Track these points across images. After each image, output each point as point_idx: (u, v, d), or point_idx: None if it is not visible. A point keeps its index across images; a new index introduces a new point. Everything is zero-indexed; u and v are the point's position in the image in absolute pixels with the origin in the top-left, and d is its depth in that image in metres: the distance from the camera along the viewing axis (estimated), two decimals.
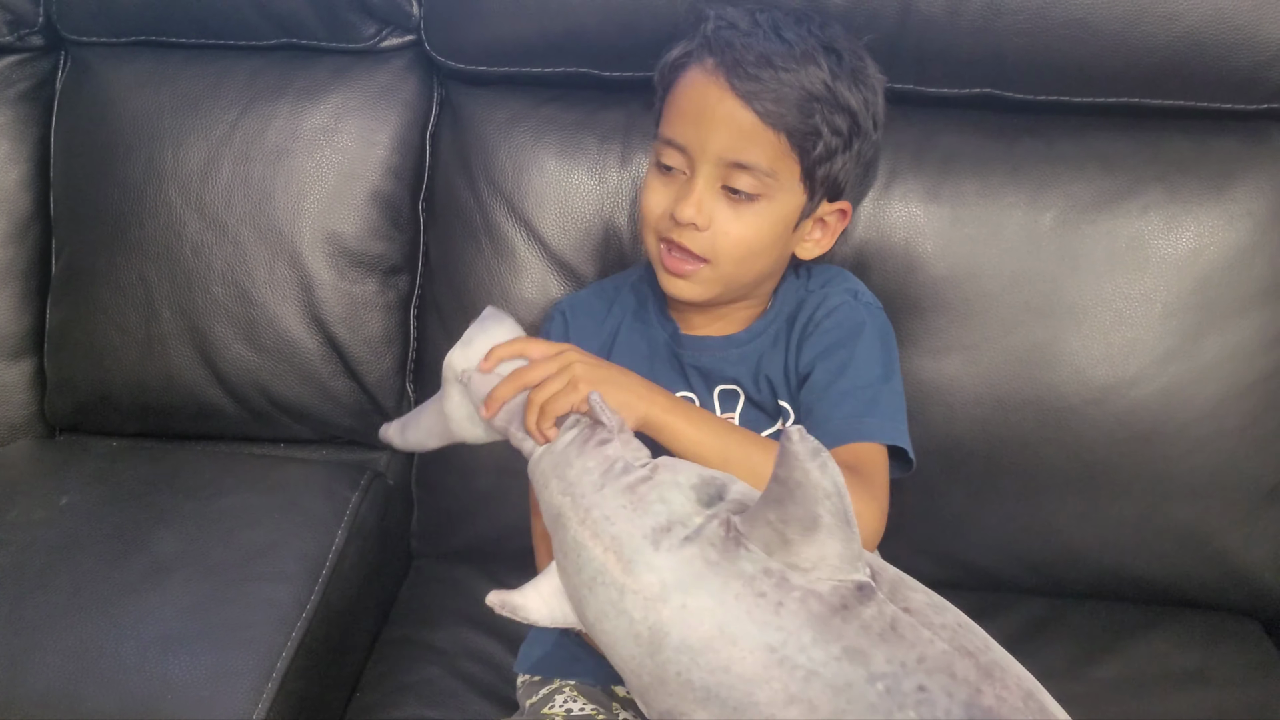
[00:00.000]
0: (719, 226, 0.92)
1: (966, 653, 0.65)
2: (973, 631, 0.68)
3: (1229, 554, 1.12)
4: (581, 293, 1.11)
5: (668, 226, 0.94)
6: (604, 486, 0.77)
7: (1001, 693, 0.64)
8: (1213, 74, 1.07)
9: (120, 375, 1.20)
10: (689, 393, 1.01)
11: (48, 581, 0.96)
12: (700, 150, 0.92)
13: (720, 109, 0.91)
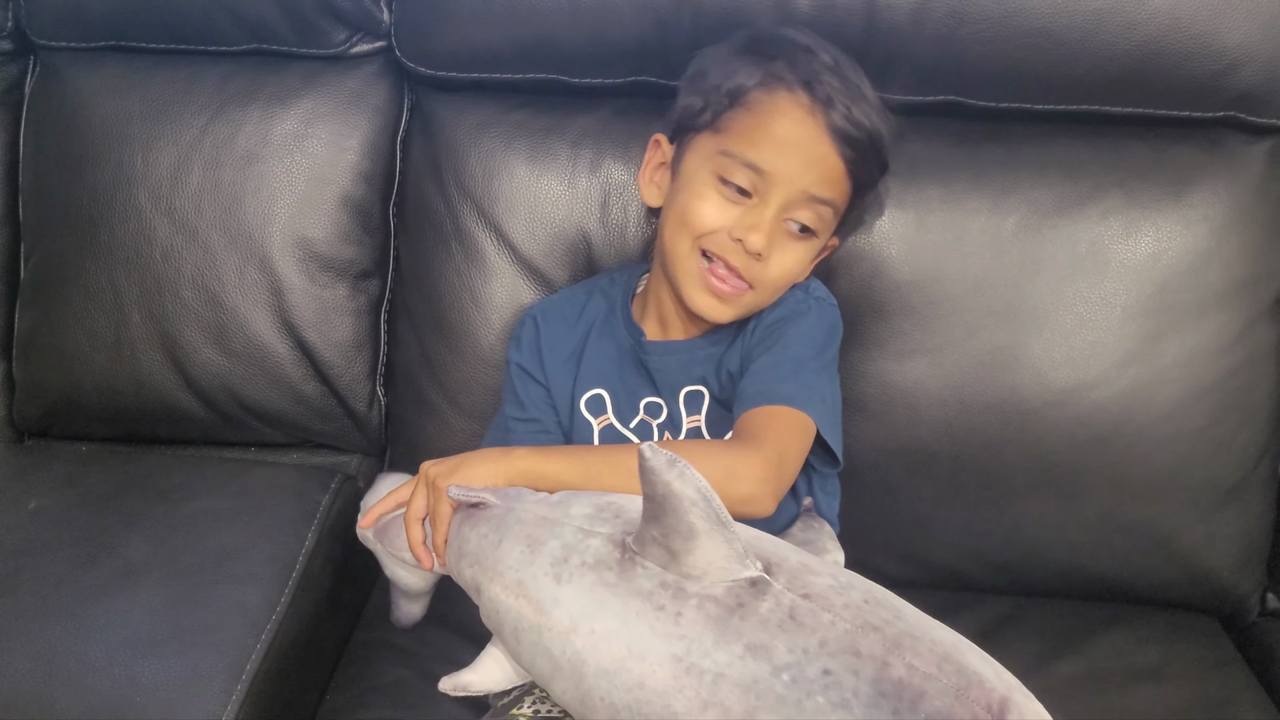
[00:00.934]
0: (775, 258, 0.95)
1: (872, 628, 0.67)
2: (882, 605, 0.69)
3: (1188, 553, 1.14)
4: (553, 298, 1.12)
5: (720, 245, 0.95)
6: (501, 542, 0.80)
7: (913, 660, 0.65)
8: (1170, 82, 1.10)
9: (89, 380, 1.20)
10: (656, 398, 1.03)
11: (15, 585, 0.95)
12: (786, 182, 0.93)
13: (817, 149, 0.93)
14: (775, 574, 0.70)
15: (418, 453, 1.19)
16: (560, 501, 0.81)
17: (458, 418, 1.17)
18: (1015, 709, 0.66)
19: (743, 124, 0.94)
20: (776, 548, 0.74)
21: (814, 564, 0.73)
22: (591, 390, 1.04)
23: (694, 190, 0.96)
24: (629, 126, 1.15)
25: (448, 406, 1.17)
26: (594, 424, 1.03)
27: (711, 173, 0.95)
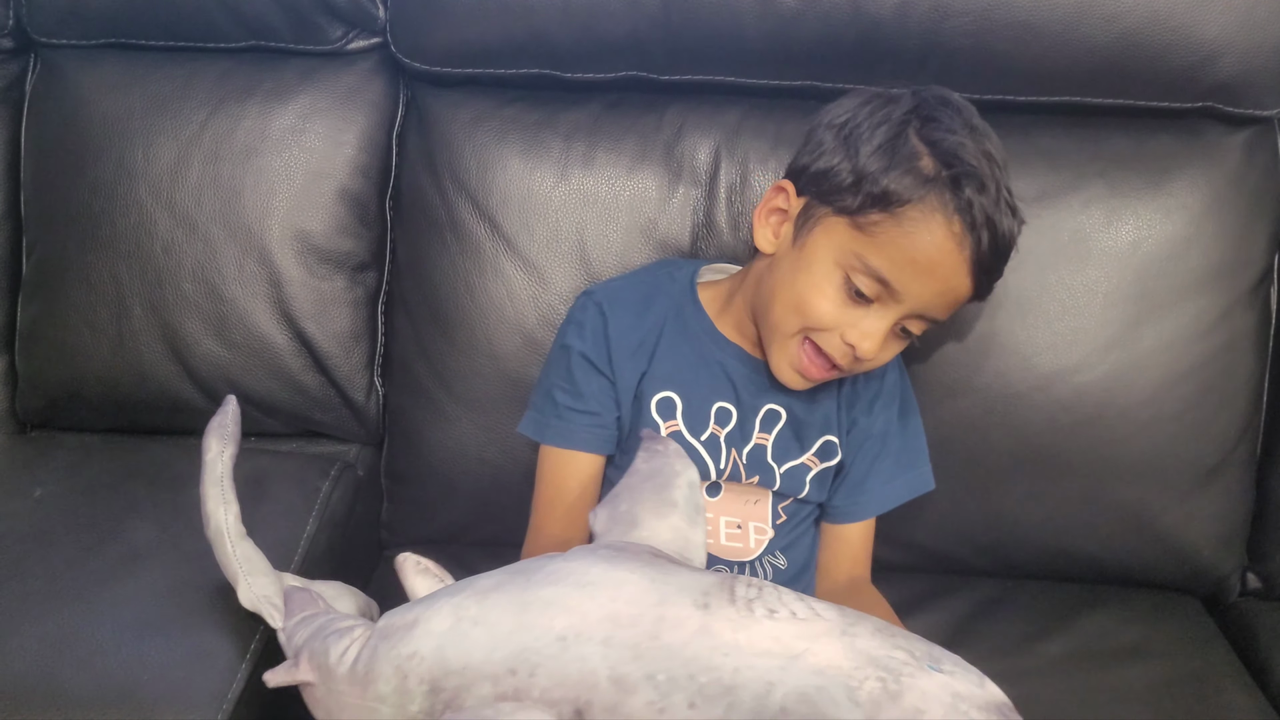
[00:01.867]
0: (879, 354, 0.95)
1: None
2: (708, 698, 0.65)
3: (1169, 533, 1.17)
4: (614, 284, 1.10)
5: (830, 342, 0.93)
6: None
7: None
8: (1150, 73, 1.12)
9: (92, 371, 1.21)
10: (729, 404, 1.02)
11: (23, 571, 0.97)
12: (912, 301, 0.91)
13: (953, 279, 0.91)
14: (590, 705, 0.67)
15: (415, 442, 1.22)
16: (366, 674, 0.76)
17: (454, 407, 1.19)
18: None
19: (886, 234, 0.90)
20: (583, 666, 0.69)
21: (627, 672, 0.68)
22: (663, 392, 1.01)
23: (816, 280, 0.93)
24: (620, 121, 1.18)
25: (444, 396, 1.19)
26: (663, 427, 1.01)
27: (838, 266, 0.92)
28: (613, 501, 0.88)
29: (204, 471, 0.90)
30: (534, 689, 0.69)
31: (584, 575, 0.74)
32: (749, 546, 1.03)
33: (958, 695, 0.66)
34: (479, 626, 0.73)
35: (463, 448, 1.20)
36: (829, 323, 0.93)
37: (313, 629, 0.83)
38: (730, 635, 0.68)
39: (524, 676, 0.69)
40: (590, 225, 1.16)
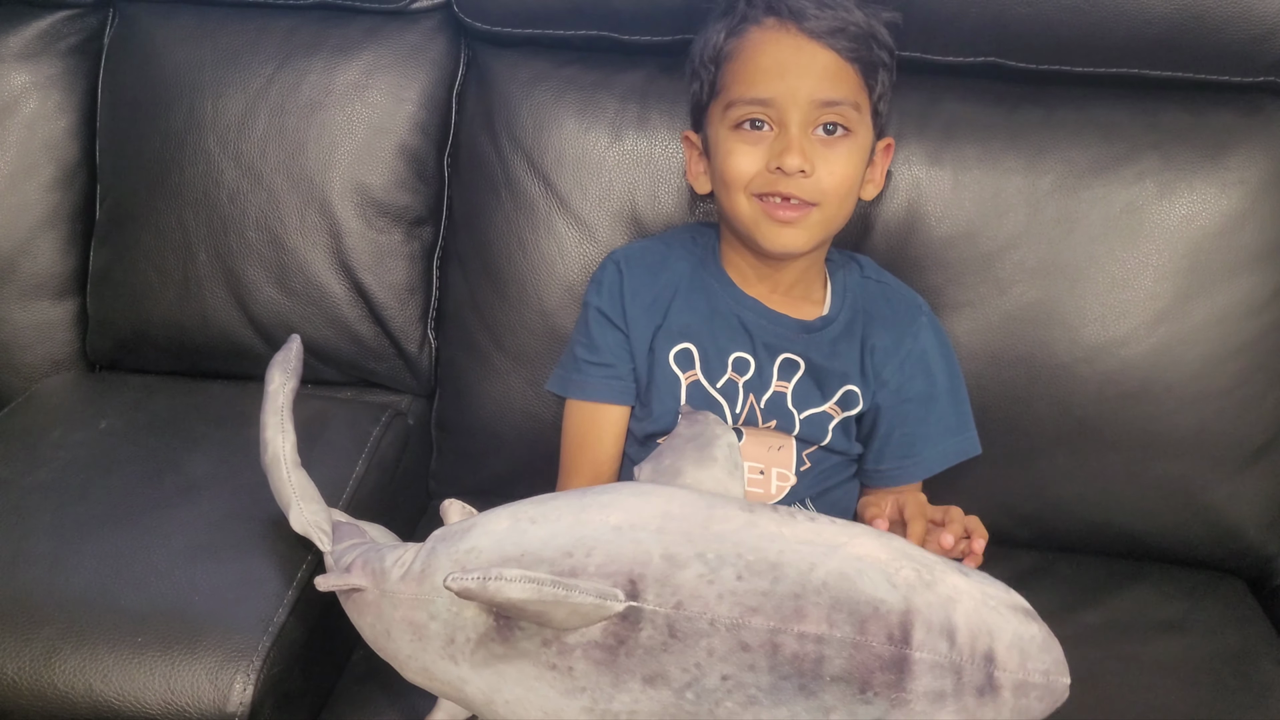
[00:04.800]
0: (822, 169, 0.97)
1: (751, 610, 0.68)
2: (756, 573, 0.70)
3: (1215, 511, 1.16)
4: (634, 245, 1.15)
5: (766, 182, 0.98)
6: (389, 633, 0.82)
7: (801, 628, 0.67)
8: (1210, 46, 1.11)
9: (158, 315, 1.26)
10: (746, 353, 1.05)
11: (86, 495, 1.02)
12: (791, 99, 0.96)
13: (802, 56, 0.97)
14: (642, 590, 0.71)
15: (464, 394, 1.25)
16: (423, 571, 0.80)
17: (503, 360, 1.22)
18: (918, 620, 0.68)
19: (733, 74, 0.99)
20: (638, 548, 0.73)
21: (678, 551, 0.72)
22: (680, 344, 1.06)
23: (722, 152, 1.00)
24: (676, 83, 1.19)
25: (494, 350, 1.22)
26: (682, 379, 1.05)
27: (729, 129, 1.00)
28: (656, 458, 0.90)
29: (265, 401, 0.95)
30: (589, 566, 0.73)
31: (638, 488, 0.80)
32: (769, 492, 1.04)
33: (987, 593, 0.72)
34: (537, 524, 0.77)
35: (510, 401, 1.22)
36: (749, 167, 0.98)
37: (363, 549, 0.86)
38: (775, 528, 0.73)
39: (580, 557, 0.73)
40: (641, 186, 1.18)
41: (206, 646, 0.88)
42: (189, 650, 0.88)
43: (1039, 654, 0.73)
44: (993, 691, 0.70)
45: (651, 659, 0.69)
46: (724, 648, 0.68)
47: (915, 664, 0.68)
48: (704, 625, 0.69)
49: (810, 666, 0.67)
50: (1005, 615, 0.73)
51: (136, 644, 0.88)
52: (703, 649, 0.68)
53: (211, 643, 0.89)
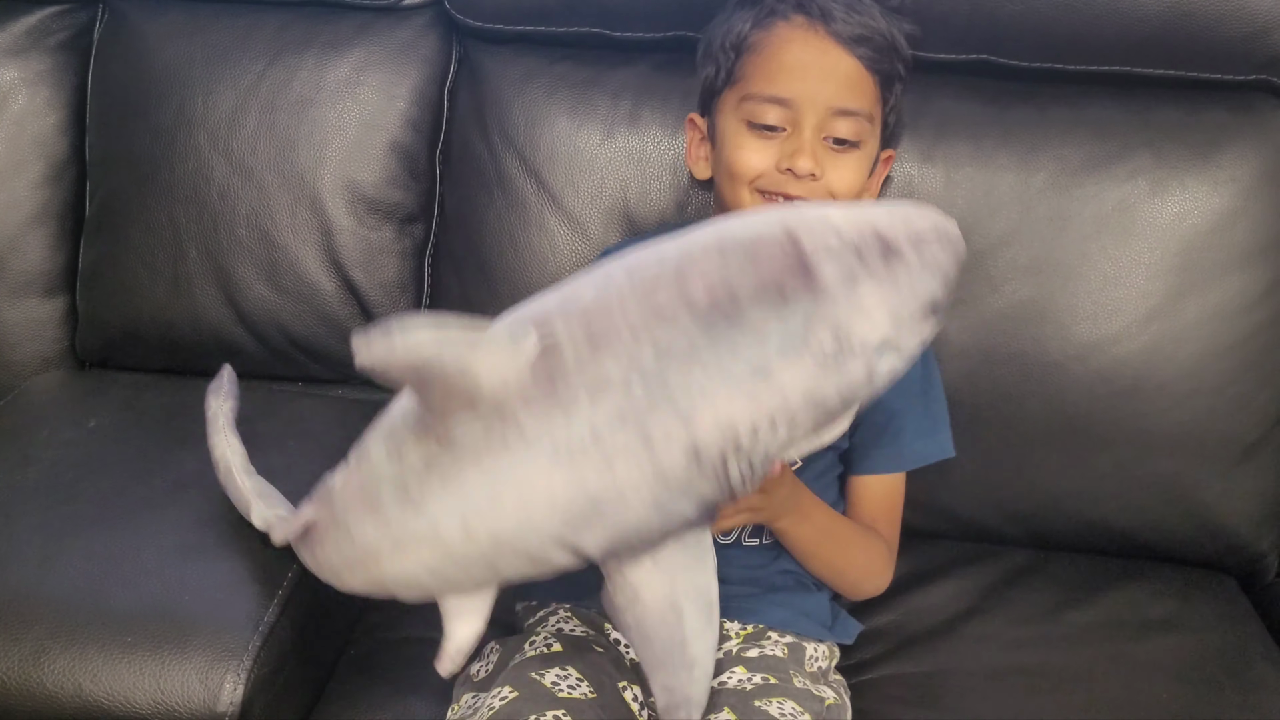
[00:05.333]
0: (830, 175, 0.97)
1: (652, 285, 0.69)
2: (644, 262, 0.71)
3: (1206, 509, 1.16)
4: (627, 243, 1.13)
5: (774, 181, 0.97)
6: (351, 531, 0.78)
7: (705, 276, 0.69)
8: (1202, 44, 1.11)
9: (148, 312, 1.26)
10: None
11: (76, 495, 1.01)
12: (810, 102, 0.95)
13: (826, 59, 0.96)
14: (549, 323, 0.70)
15: None
16: (360, 458, 0.79)
17: None
18: (801, 231, 0.70)
19: (754, 66, 0.98)
20: (535, 306, 0.74)
21: (571, 289, 0.74)
22: None
23: (732, 144, 0.99)
24: (668, 80, 1.19)
25: None
26: None
27: (741, 121, 0.98)
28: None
29: (208, 426, 0.99)
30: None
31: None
32: None
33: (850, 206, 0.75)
34: None
35: None
36: (758, 164, 0.97)
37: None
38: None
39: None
40: (634, 183, 1.18)
41: (196, 646, 0.88)
42: (179, 650, 0.88)
43: (917, 216, 0.74)
44: (895, 254, 0.71)
45: (585, 371, 0.69)
46: (643, 321, 0.69)
47: (814, 258, 0.69)
48: (617, 319, 0.69)
49: (726, 301, 0.69)
50: (873, 207, 0.75)
51: (126, 644, 0.88)
52: (626, 336, 0.69)
53: (201, 642, 0.88)
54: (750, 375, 0.68)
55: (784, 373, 0.69)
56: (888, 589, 1.15)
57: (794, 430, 0.71)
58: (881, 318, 0.70)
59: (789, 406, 0.69)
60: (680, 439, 0.68)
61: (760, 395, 0.69)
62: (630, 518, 0.71)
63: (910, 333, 0.72)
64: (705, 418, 0.68)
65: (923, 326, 0.73)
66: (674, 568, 0.76)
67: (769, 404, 0.69)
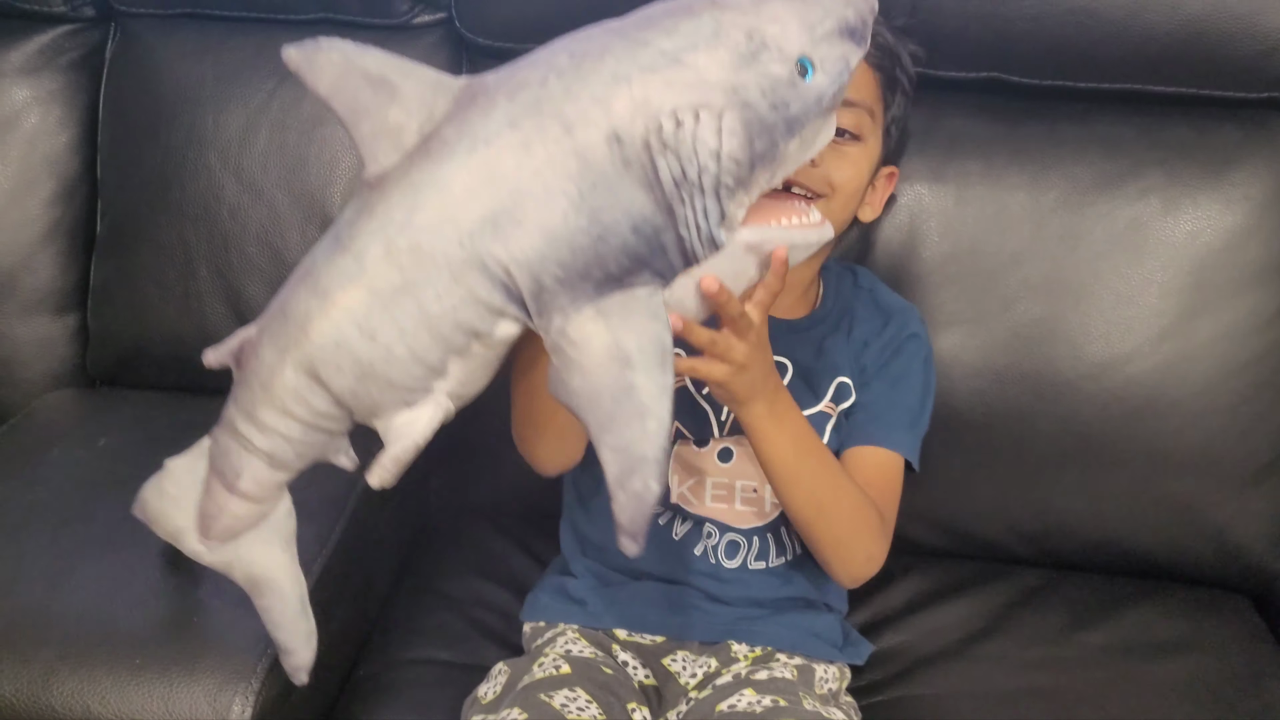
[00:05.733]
0: (829, 164, 0.95)
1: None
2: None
3: (1220, 529, 1.15)
4: None
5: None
6: (284, 318, 0.77)
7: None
8: (1214, 62, 1.11)
9: (158, 330, 1.26)
10: None
11: (84, 514, 1.01)
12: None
13: None
14: (482, 79, 0.71)
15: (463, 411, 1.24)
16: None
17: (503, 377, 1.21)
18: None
19: None
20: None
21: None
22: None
23: None
24: None
25: None
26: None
27: None
28: None
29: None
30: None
31: None
32: (764, 510, 1.03)
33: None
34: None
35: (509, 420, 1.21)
36: None
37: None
38: None
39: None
40: None
41: (205, 668, 0.88)
42: (187, 672, 0.88)
43: None
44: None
45: (504, 84, 0.69)
46: (560, 45, 0.70)
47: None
48: (540, 56, 0.71)
49: (640, 20, 0.70)
50: None
51: (134, 665, 0.88)
52: (544, 54, 0.70)
53: (210, 664, 0.88)
54: (665, 62, 0.67)
55: (699, 59, 0.68)
56: (899, 608, 1.15)
57: (725, 135, 0.68)
58: (795, 28, 0.70)
59: (710, 98, 0.67)
60: (599, 123, 0.66)
61: (676, 80, 0.67)
62: (557, 219, 0.67)
63: (830, 48, 0.71)
64: (622, 100, 0.67)
65: (843, 47, 0.72)
66: (621, 315, 0.69)
67: (688, 91, 0.67)
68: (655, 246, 0.69)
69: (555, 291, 0.68)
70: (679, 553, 1.04)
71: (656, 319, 0.70)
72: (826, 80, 0.71)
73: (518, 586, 1.15)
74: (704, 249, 0.71)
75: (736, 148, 0.68)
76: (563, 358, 0.70)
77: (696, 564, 1.03)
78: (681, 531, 1.04)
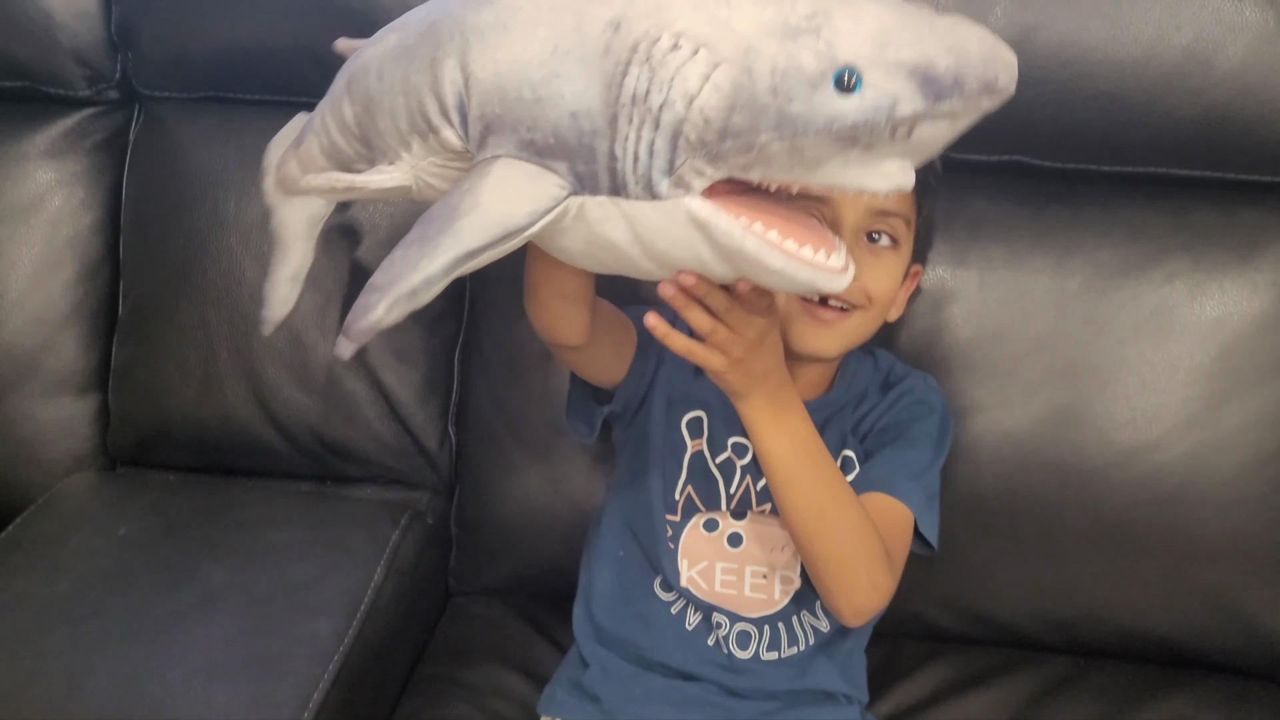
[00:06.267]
0: (866, 275, 0.94)
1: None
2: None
3: (1253, 618, 1.13)
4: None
5: None
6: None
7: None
8: (1239, 146, 1.10)
9: (179, 412, 1.26)
10: (744, 438, 1.02)
11: (103, 609, 1.01)
12: (850, 201, 0.92)
13: None
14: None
15: (485, 491, 1.24)
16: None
17: (524, 457, 1.21)
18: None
19: None
20: None
21: None
22: (695, 411, 1.04)
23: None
24: None
25: (515, 446, 1.21)
26: (689, 446, 1.03)
27: None
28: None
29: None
30: None
31: None
32: (773, 598, 1.02)
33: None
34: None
35: (531, 499, 1.21)
36: None
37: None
38: None
39: None
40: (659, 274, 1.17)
41: None
42: None
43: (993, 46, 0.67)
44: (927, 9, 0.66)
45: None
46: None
47: None
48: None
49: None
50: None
51: None
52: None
53: None
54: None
55: (744, 3, 0.64)
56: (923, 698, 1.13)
57: (708, 86, 0.64)
58: (865, 35, 0.63)
59: (720, 43, 0.63)
60: (618, 4, 0.65)
61: (706, 9, 0.64)
62: (523, 58, 0.67)
63: (885, 77, 0.62)
64: (642, 2, 0.65)
65: (902, 85, 0.63)
66: (512, 180, 0.69)
67: (707, 25, 0.64)
68: (584, 146, 0.67)
69: (487, 127, 0.70)
70: (692, 644, 1.03)
71: (530, 207, 0.69)
72: (854, 105, 0.63)
73: (536, 675, 1.14)
74: (637, 187, 0.67)
75: (713, 106, 0.64)
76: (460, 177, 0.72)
77: (709, 655, 1.02)
78: (694, 621, 1.03)
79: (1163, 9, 1.06)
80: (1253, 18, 1.06)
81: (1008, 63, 0.66)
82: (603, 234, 0.71)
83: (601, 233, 0.71)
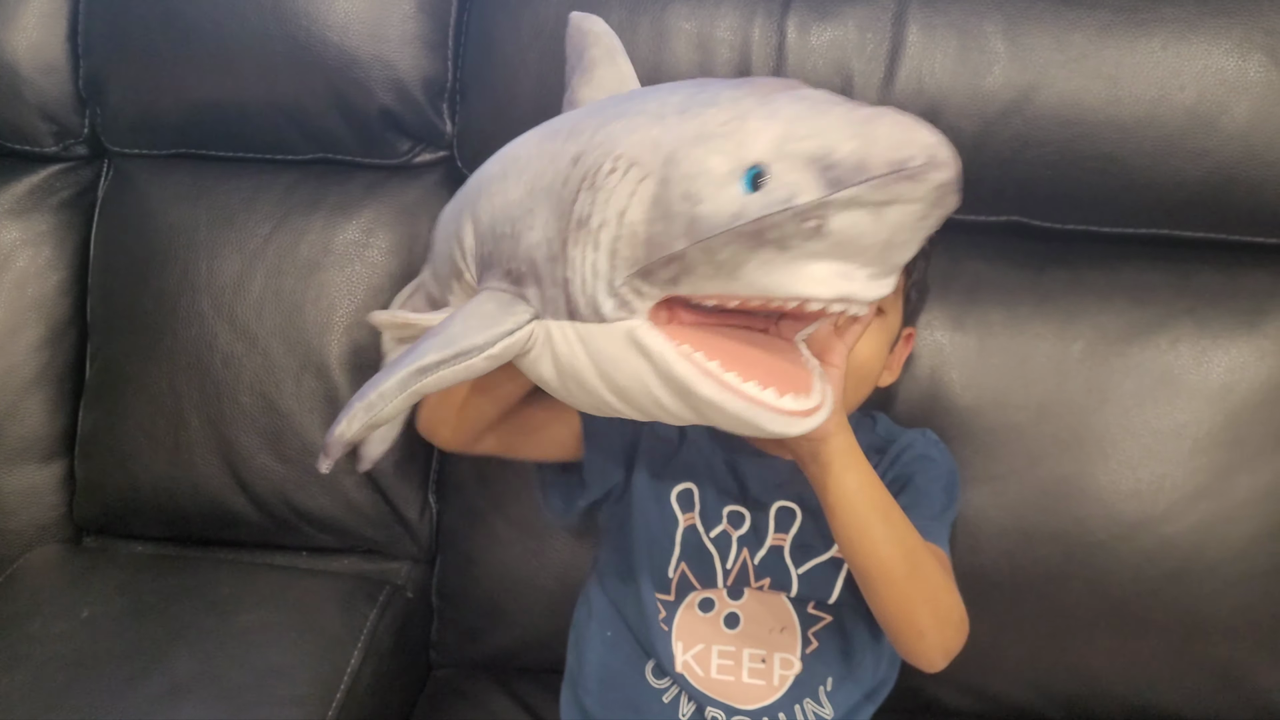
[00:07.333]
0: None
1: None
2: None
3: (1263, 695, 1.09)
4: None
5: None
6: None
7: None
8: (1243, 208, 1.07)
9: (148, 481, 1.20)
10: (740, 507, 0.99)
11: (67, 699, 0.96)
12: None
13: None
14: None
15: (466, 563, 1.20)
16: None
17: (506, 529, 1.17)
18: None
19: None
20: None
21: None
22: (684, 484, 1.00)
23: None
24: None
25: (497, 517, 1.17)
26: (681, 520, 1.00)
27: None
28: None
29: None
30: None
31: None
32: (772, 684, 0.98)
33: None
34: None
35: (513, 572, 1.17)
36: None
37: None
38: None
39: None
40: None
41: None
42: None
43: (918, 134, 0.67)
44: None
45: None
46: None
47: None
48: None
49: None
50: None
51: None
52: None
53: None
54: (658, 114, 0.68)
55: (675, 122, 0.67)
56: None
57: (634, 201, 0.66)
58: (773, 133, 0.63)
59: (648, 160, 0.66)
60: (582, 141, 0.71)
61: (645, 133, 0.67)
62: (509, 200, 0.75)
63: (786, 169, 0.62)
64: (607, 131, 0.69)
65: (800, 175, 0.62)
66: (477, 306, 0.75)
67: (642, 146, 0.67)
68: (547, 271, 0.71)
69: (482, 263, 0.78)
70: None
71: (492, 330, 0.73)
72: (756, 200, 0.62)
73: None
74: (587, 309, 0.69)
75: (637, 218, 0.66)
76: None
77: None
78: (688, 712, 0.99)
79: (1165, 69, 1.04)
80: (1257, 77, 1.03)
81: (925, 144, 0.63)
82: (568, 361, 0.73)
83: (566, 359, 0.73)
